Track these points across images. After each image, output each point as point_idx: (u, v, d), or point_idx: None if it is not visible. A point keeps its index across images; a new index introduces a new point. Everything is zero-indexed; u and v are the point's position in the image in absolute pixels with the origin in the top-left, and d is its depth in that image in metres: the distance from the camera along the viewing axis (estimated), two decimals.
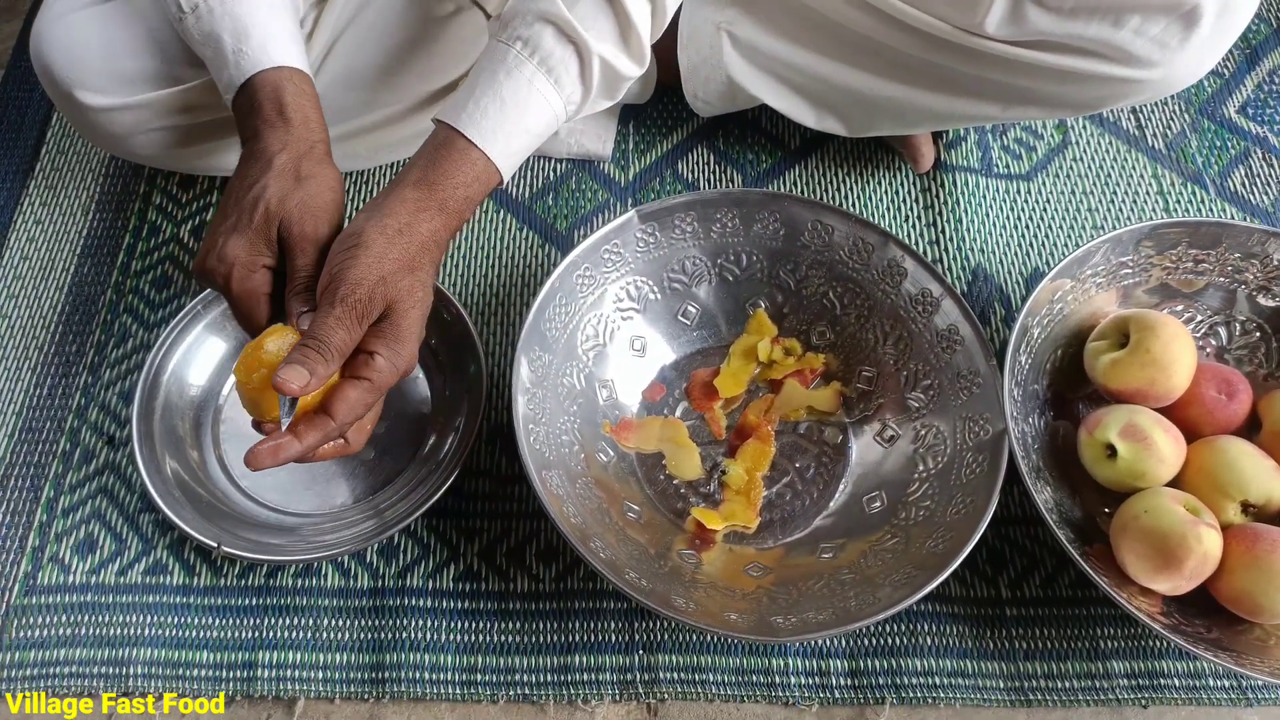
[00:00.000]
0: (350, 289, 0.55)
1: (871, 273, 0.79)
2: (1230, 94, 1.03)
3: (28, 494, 0.77)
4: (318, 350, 0.54)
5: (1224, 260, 0.79)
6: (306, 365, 0.53)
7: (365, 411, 0.57)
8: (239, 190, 0.61)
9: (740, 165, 0.96)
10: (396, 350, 0.57)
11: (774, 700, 0.71)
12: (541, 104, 0.60)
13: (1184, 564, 0.66)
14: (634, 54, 0.62)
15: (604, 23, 0.60)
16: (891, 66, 0.78)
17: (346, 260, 0.56)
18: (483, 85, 0.59)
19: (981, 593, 0.75)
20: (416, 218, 0.58)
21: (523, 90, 0.59)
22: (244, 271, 0.59)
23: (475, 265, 0.88)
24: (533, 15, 0.59)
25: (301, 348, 0.54)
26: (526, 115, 0.60)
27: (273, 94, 0.62)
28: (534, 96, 0.60)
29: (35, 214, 0.91)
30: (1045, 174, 0.96)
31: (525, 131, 0.60)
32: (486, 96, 0.59)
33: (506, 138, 0.59)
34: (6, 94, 1.00)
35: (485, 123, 0.59)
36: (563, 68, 0.60)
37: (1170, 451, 0.71)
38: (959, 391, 0.74)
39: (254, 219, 0.59)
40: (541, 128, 0.61)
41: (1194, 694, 0.71)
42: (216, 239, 0.59)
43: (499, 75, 0.59)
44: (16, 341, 0.84)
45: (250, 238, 0.59)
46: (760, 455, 0.77)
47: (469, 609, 0.73)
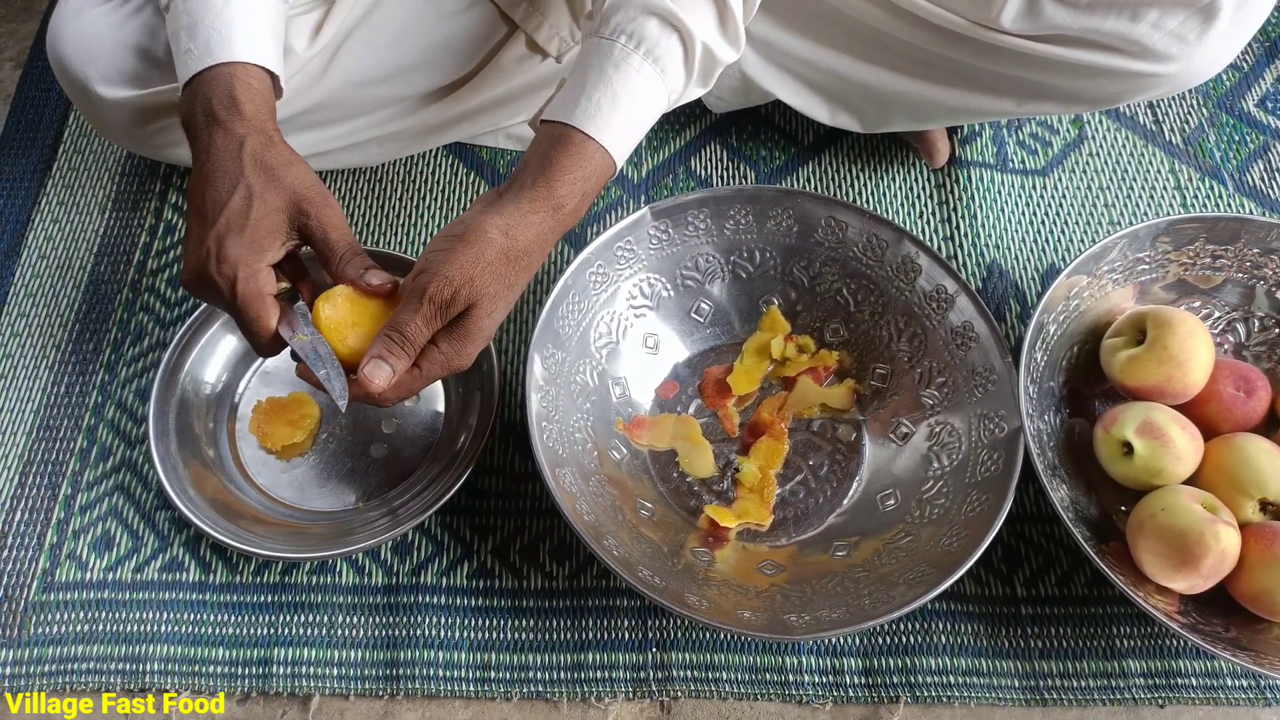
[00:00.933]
0: (439, 286, 0.56)
1: (885, 269, 0.79)
2: (1249, 87, 1.01)
3: (46, 491, 0.77)
4: (401, 345, 0.57)
5: (1242, 256, 0.79)
6: (388, 361, 0.57)
7: (409, 396, 0.60)
8: (211, 193, 0.58)
9: (754, 162, 0.96)
10: (458, 349, 0.59)
11: (787, 699, 0.71)
12: (650, 93, 0.60)
13: (1202, 562, 0.65)
14: (731, 39, 0.63)
15: (704, 9, 0.60)
16: (906, 61, 0.78)
17: (444, 253, 0.57)
18: (592, 81, 0.59)
19: (997, 591, 0.74)
20: (527, 219, 0.59)
21: (633, 81, 0.59)
22: (249, 272, 0.57)
23: None
24: (635, 8, 0.59)
25: (385, 340, 0.57)
26: (637, 105, 0.60)
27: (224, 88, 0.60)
28: (643, 86, 0.60)
29: (53, 213, 0.92)
30: (1061, 169, 0.95)
31: (637, 120, 0.61)
32: (599, 91, 0.59)
33: (621, 128, 0.60)
34: (24, 94, 1.00)
35: (599, 116, 0.59)
36: (668, 56, 0.60)
37: (1188, 449, 0.70)
38: (974, 388, 0.74)
39: (251, 216, 0.58)
40: (651, 116, 0.62)
41: (1212, 694, 0.70)
42: (207, 246, 0.57)
43: (607, 69, 0.59)
44: (35, 340, 0.84)
45: (250, 236, 0.57)
46: (774, 453, 0.77)
47: (483, 606, 0.73)
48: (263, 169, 0.59)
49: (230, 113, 0.60)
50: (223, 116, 0.60)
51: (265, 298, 0.58)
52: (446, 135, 0.90)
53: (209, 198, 0.58)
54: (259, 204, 0.58)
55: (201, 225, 0.58)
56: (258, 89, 0.62)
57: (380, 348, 0.57)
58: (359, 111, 0.82)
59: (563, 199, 0.59)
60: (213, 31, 0.61)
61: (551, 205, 0.59)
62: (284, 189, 0.59)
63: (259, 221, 0.58)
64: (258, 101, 0.61)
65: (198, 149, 0.60)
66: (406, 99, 0.83)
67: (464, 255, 0.57)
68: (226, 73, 0.61)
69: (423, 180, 0.93)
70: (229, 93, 0.60)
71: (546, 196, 0.59)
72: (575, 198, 0.60)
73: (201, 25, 0.61)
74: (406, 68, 0.81)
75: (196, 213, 0.59)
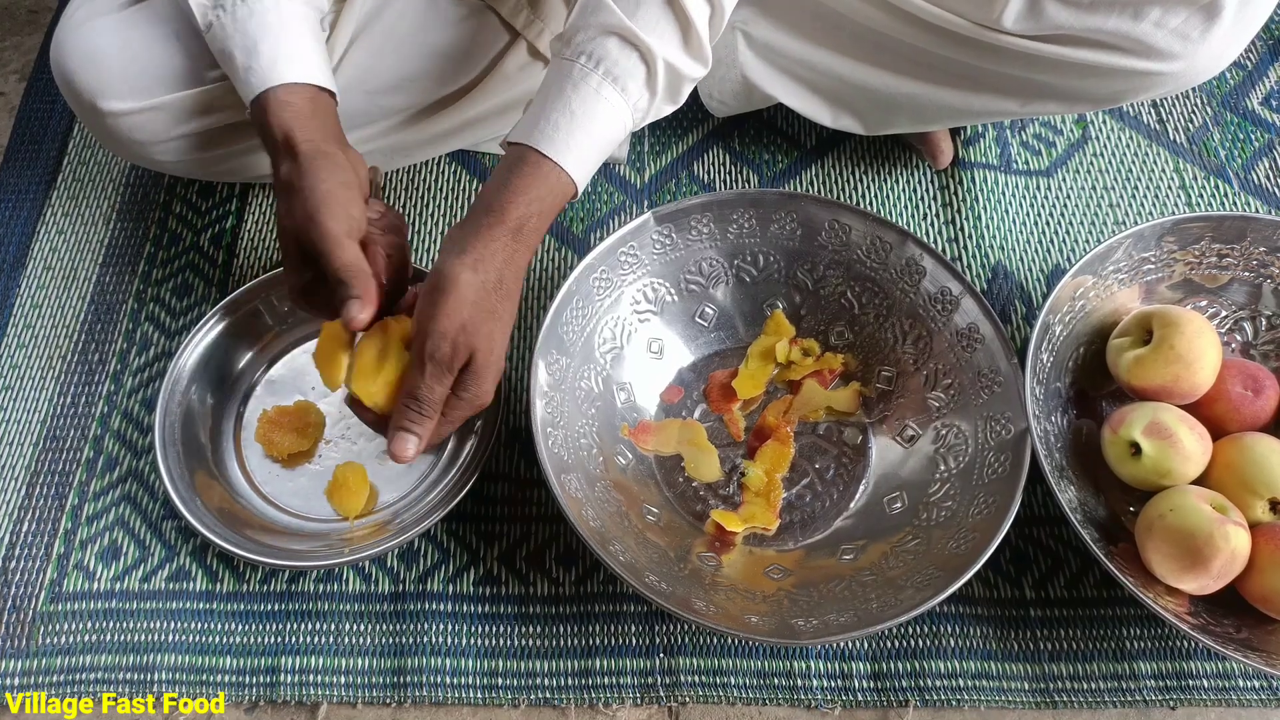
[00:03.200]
0: (435, 343, 0.58)
1: (890, 272, 0.78)
2: (1253, 86, 1.01)
3: (53, 502, 0.78)
4: (419, 411, 0.60)
5: (1248, 254, 0.78)
6: (413, 431, 0.60)
7: (441, 439, 0.65)
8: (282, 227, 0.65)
9: (756, 165, 0.96)
10: (474, 393, 0.61)
11: (796, 703, 0.70)
12: (610, 112, 0.61)
13: (1211, 563, 0.65)
14: (696, 55, 0.63)
15: (665, 27, 0.60)
16: (908, 63, 0.78)
17: (429, 309, 0.59)
18: (551, 101, 0.60)
19: (1005, 593, 0.74)
20: (489, 248, 0.60)
21: (590, 101, 0.60)
22: (295, 293, 0.66)
23: None
24: (595, 28, 0.59)
25: (405, 411, 0.60)
26: (596, 124, 0.60)
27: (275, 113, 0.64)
28: (602, 106, 0.60)
29: (58, 224, 0.92)
30: (1065, 170, 0.95)
31: (596, 141, 0.61)
32: (556, 111, 0.59)
33: (579, 148, 0.60)
34: (29, 106, 1.01)
35: (557, 136, 0.59)
36: (629, 76, 0.60)
37: (1196, 449, 0.70)
38: (980, 390, 0.74)
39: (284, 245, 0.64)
40: (611, 136, 0.62)
41: (1223, 695, 0.70)
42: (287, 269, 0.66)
43: (566, 89, 0.60)
44: (41, 350, 0.85)
45: (288, 264, 0.65)
46: (779, 457, 0.77)
47: (489, 613, 0.73)
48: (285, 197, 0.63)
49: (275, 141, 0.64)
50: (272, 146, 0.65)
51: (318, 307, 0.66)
52: (450, 143, 0.90)
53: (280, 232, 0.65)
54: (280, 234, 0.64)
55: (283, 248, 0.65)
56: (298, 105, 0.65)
57: (402, 419, 0.60)
58: (363, 121, 0.82)
59: (520, 220, 0.60)
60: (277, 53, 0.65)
61: (509, 230, 0.60)
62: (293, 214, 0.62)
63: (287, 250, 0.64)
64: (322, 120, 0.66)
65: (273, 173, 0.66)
66: (410, 108, 0.83)
67: (446, 306, 0.58)
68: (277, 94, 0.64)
69: (426, 188, 0.94)
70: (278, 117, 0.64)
71: (501, 222, 0.60)
72: (532, 218, 0.61)
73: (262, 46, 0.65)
74: (409, 77, 0.81)
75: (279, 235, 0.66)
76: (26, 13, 1.11)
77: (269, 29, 0.65)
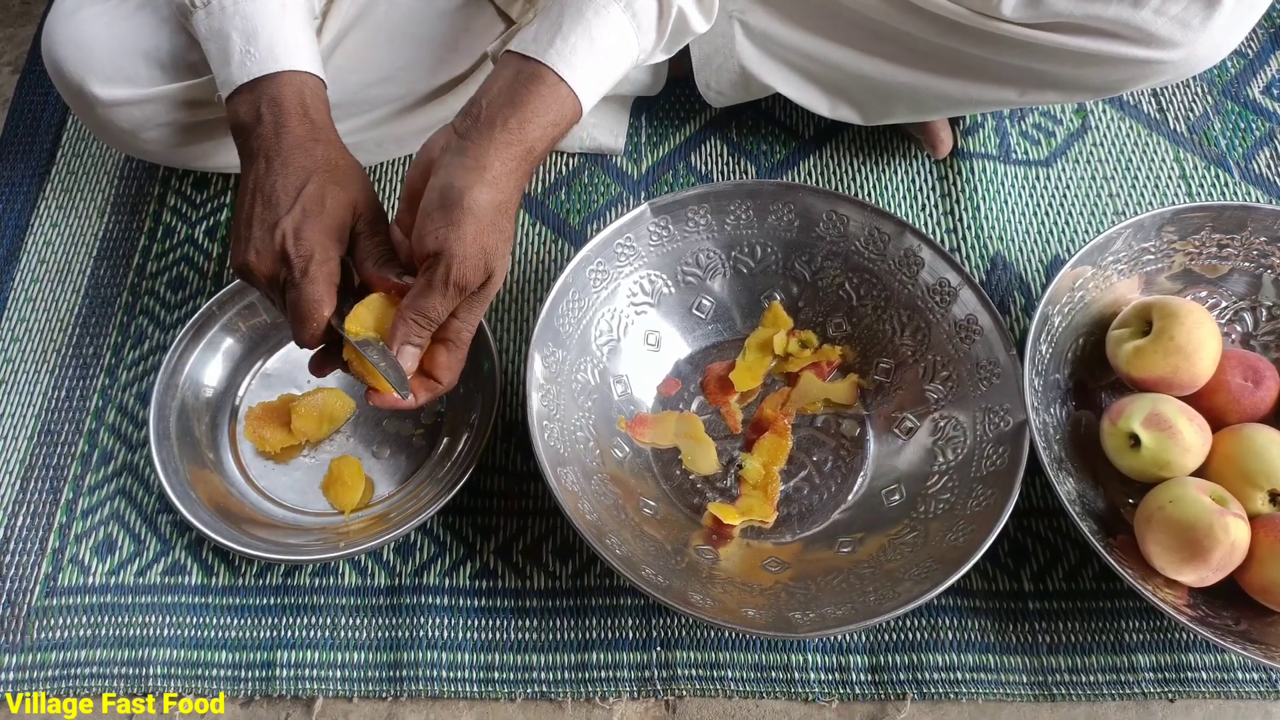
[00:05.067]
0: (462, 269, 0.57)
1: (888, 263, 0.78)
2: (1254, 74, 1.01)
3: (47, 496, 0.77)
4: (425, 327, 0.59)
5: (1249, 244, 0.78)
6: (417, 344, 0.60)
7: (461, 366, 0.63)
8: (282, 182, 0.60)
9: (754, 156, 0.95)
10: (476, 312, 0.61)
11: (793, 696, 0.70)
12: (624, 46, 0.60)
13: (1211, 555, 0.65)
14: (705, 9, 0.63)
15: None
16: (906, 52, 0.77)
17: (450, 230, 0.56)
18: (569, 22, 0.58)
19: (1003, 586, 0.74)
20: (506, 165, 0.58)
21: (610, 30, 0.58)
22: (324, 256, 0.58)
23: None
24: None
25: (412, 326, 0.58)
26: (611, 56, 0.59)
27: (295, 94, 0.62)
28: (619, 38, 0.59)
29: (51, 217, 0.91)
30: (1065, 159, 0.95)
31: (611, 71, 0.60)
32: (575, 33, 0.58)
33: (594, 75, 0.59)
34: (22, 98, 1.00)
35: (575, 59, 0.58)
36: (645, 13, 0.59)
37: (1195, 440, 0.70)
38: (978, 382, 0.73)
39: (325, 206, 0.59)
40: (621, 70, 0.61)
41: (1222, 687, 0.70)
42: (283, 228, 0.58)
43: (587, 13, 0.58)
44: (34, 345, 0.84)
45: (328, 224, 0.59)
46: (777, 449, 0.77)
47: (486, 607, 0.73)
48: (334, 169, 0.61)
49: (302, 115, 0.62)
50: (295, 116, 0.62)
51: (333, 284, 0.60)
52: None
53: (279, 185, 0.59)
54: (332, 199, 0.60)
55: (270, 209, 0.59)
56: (323, 99, 0.65)
57: (410, 334, 0.59)
58: (357, 111, 0.82)
59: (535, 142, 0.58)
60: (276, 39, 0.63)
61: (525, 148, 0.58)
62: (349, 191, 0.61)
63: (334, 213, 0.60)
64: (324, 111, 0.65)
65: (261, 144, 0.61)
66: (404, 97, 0.83)
67: (471, 227, 0.56)
68: (297, 80, 0.63)
69: None
70: (299, 98, 0.63)
71: (520, 140, 0.58)
72: (545, 141, 0.59)
73: (263, 31, 0.63)
74: (403, 66, 0.81)
75: (263, 200, 0.60)
76: (19, 4, 1.10)
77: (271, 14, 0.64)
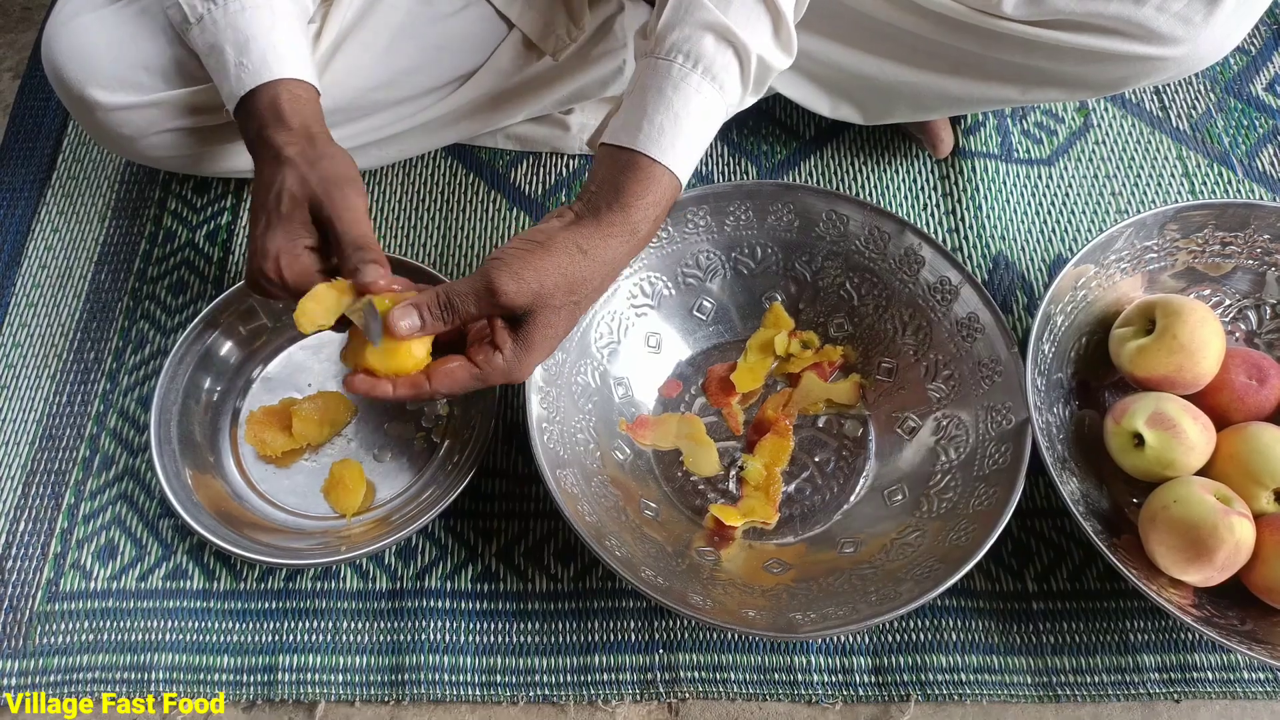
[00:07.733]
0: (507, 280, 0.57)
1: (889, 262, 0.78)
2: (1257, 71, 1.00)
3: (49, 501, 0.77)
4: (443, 309, 0.58)
5: (1252, 242, 0.77)
6: (424, 316, 0.58)
7: (460, 392, 0.61)
8: (260, 195, 0.63)
9: (755, 157, 0.95)
10: (520, 358, 0.60)
11: (796, 698, 0.70)
12: (710, 110, 0.60)
13: (1215, 554, 0.64)
14: (785, 47, 0.63)
15: (758, 20, 0.60)
16: (907, 51, 0.77)
17: (523, 253, 0.57)
18: (652, 104, 0.59)
19: (1007, 586, 0.73)
20: (607, 241, 0.59)
21: (693, 100, 0.59)
22: (289, 258, 0.61)
23: None
24: (691, 25, 0.59)
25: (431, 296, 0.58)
26: (698, 123, 0.60)
27: (271, 104, 0.64)
28: (703, 104, 0.60)
29: (53, 222, 0.92)
30: (1067, 158, 0.94)
31: (699, 139, 0.61)
32: (660, 114, 0.59)
33: (684, 149, 0.60)
34: (23, 104, 1.00)
35: (664, 139, 0.59)
36: (726, 73, 0.60)
37: (1199, 439, 0.69)
38: (980, 381, 0.73)
39: (282, 210, 0.61)
40: (711, 132, 0.62)
41: (1228, 687, 0.69)
42: (255, 244, 0.62)
43: (666, 91, 0.59)
44: (36, 349, 0.84)
45: (284, 227, 0.61)
46: (779, 450, 0.76)
47: (487, 610, 0.73)
48: (301, 163, 0.62)
49: (276, 125, 0.64)
50: (271, 129, 0.64)
51: (310, 275, 0.61)
52: (445, 137, 0.89)
53: (256, 201, 0.63)
54: (287, 199, 0.61)
55: (251, 229, 0.63)
56: (305, 99, 0.66)
57: (422, 303, 0.58)
58: (358, 116, 0.82)
59: (638, 223, 0.60)
60: (267, 50, 0.65)
61: (629, 229, 0.60)
62: (308, 181, 0.62)
63: (289, 214, 0.61)
64: (304, 111, 0.65)
65: (256, 164, 0.65)
66: (404, 101, 0.83)
67: (541, 261, 0.57)
68: (282, 88, 0.65)
69: (423, 182, 0.93)
70: (274, 107, 0.64)
71: (624, 220, 0.59)
72: (649, 222, 0.60)
73: (254, 43, 0.65)
74: (404, 70, 0.80)
75: (250, 219, 0.64)
76: (20, 10, 1.10)
77: (261, 25, 0.65)
